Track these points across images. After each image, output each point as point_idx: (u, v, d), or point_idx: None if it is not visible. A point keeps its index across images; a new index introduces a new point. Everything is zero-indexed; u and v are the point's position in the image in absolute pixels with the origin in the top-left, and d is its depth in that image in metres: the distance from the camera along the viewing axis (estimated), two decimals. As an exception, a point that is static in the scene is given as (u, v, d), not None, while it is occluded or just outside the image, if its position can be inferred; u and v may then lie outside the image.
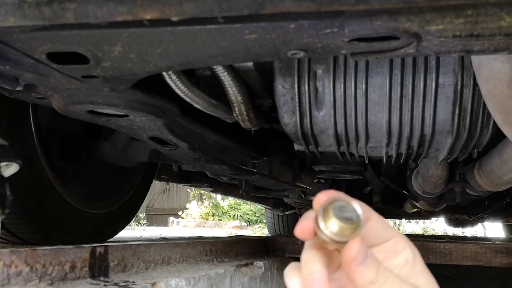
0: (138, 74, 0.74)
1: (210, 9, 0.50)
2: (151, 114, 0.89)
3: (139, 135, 1.03)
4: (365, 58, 0.67)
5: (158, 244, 1.34)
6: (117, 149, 1.71)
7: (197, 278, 1.18)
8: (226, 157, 1.24)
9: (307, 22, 0.57)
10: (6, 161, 0.87)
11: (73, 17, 0.52)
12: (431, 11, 0.56)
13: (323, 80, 0.96)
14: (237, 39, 0.61)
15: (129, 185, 2.00)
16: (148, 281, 1.06)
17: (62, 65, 0.69)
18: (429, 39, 0.61)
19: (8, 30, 0.60)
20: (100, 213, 1.77)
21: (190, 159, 1.21)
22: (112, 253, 1.12)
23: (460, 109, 0.96)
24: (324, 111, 0.99)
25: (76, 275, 1.01)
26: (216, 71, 0.88)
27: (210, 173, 1.69)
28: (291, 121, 1.01)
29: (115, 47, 0.63)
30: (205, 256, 1.58)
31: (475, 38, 0.60)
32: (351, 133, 1.02)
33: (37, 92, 0.82)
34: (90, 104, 0.84)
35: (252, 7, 0.50)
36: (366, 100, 0.96)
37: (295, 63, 0.95)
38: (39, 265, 0.92)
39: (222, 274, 1.32)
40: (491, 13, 0.55)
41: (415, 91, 0.94)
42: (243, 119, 1.02)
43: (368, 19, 0.57)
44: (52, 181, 1.47)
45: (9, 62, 0.68)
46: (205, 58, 0.68)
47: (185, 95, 0.88)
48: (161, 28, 0.59)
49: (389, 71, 0.93)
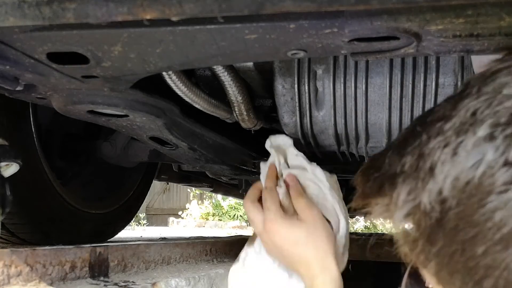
0: (138, 74, 0.74)
1: (210, 9, 0.50)
2: (151, 114, 0.89)
3: (139, 135, 1.03)
4: (365, 58, 0.67)
5: (158, 244, 1.34)
6: (117, 149, 1.71)
7: (197, 278, 1.18)
8: (226, 157, 1.24)
9: (307, 22, 0.57)
10: (6, 161, 0.87)
11: (73, 17, 0.52)
12: (431, 11, 0.56)
13: (323, 80, 0.96)
14: (237, 39, 0.61)
15: (129, 185, 2.00)
16: (148, 281, 1.07)
17: (62, 65, 0.69)
18: (429, 39, 0.61)
19: (8, 30, 0.60)
20: (100, 213, 1.77)
21: (190, 159, 1.21)
22: (112, 253, 1.12)
23: (460, 109, 0.96)
24: (324, 111, 0.99)
25: (76, 275, 1.01)
26: (216, 71, 0.88)
27: (210, 173, 1.69)
28: (291, 121, 1.01)
29: (115, 47, 0.63)
30: (205, 256, 1.58)
31: (475, 38, 0.60)
32: (351, 133, 1.02)
33: (37, 92, 0.82)
34: (90, 104, 0.84)
35: (252, 7, 0.50)
36: (366, 100, 0.96)
37: (295, 63, 0.95)
38: (39, 265, 0.92)
39: (222, 274, 1.32)
40: (491, 13, 0.55)
41: (415, 91, 0.94)
42: (243, 119, 1.02)
43: (368, 19, 0.57)
44: (52, 181, 1.47)
45: (9, 62, 0.68)
46: (205, 58, 0.68)
47: (185, 95, 0.88)
48: (161, 28, 0.59)
49: (389, 71, 0.93)
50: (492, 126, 0.39)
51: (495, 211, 0.38)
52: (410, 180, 0.43)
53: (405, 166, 0.44)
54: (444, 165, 0.41)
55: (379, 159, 0.49)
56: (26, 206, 1.39)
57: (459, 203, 0.40)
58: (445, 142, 0.41)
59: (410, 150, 0.44)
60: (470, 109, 0.41)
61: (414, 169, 0.43)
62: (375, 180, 0.49)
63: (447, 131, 0.41)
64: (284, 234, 0.83)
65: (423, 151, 0.43)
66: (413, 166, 0.43)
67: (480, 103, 0.40)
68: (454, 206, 0.40)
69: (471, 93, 0.42)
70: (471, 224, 0.39)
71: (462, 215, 0.40)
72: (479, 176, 0.39)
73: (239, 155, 1.30)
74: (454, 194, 0.40)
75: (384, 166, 0.48)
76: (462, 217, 0.40)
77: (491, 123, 0.39)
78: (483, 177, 0.39)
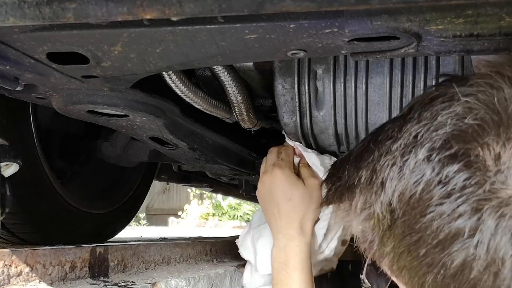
0: (138, 74, 0.74)
1: (210, 9, 0.50)
2: (151, 114, 0.89)
3: (139, 135, 1.03)
4: (365, 58, 0.67)
5: (158, 244, 1.34)
6: (117, 149, 1.71)
7: (197, 278, 1.18)
8: (226, 157, 1.24)
9: (307, 22, 0.57)
10: (6, 161, 0.87)
11: (73, 17, 0.52)
12: (431, 11, 0.56)
13: (323, 80, 0.96)
14: (237, 39, 0.61)
15: (129, 185, 2.00)
16: (148, 281, 1.07)
17: (62, 65, 0.69)
18: (429, 39, 0.61)
19: (8, 30, 0.60)
20: (100, 213, 1.77)
21: (190, 159, 1.21)
22: (112, 253, 1.12)
23: (460, 109, 0.96)
24: (324, 111, 0.99)
25: (76, 275, 1.01)
26: (216, 71, 0.88)
27: (210, 173, 1.69)
28: (291, 121, 1.01)
29: (115, 47, 0.63)
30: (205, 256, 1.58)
31: (475, 38, 0.60)
32: (351, 133, 1.02)
33: (37, 92, 0.82)
34: (90, 104, 0.84)
35: (252, 7, 0.50)
36: (366, 100, 0.96)
37: (295, 63, 0.95)
38: (39, 265, 0.92)
39: (222, 274, 1.32)
40: (491, 13, 0.55)
41: (415, 91, 0.94)
42: (243, 119, 1.02)
43: (368, 19, 0.57)
44: (52, 181, 1.46)
45: (9, 62, 0.68)
46: (205, 58, 0.68)
47: (185, 95, 0.88)
48: (161, 28, 0.59)
49: (389, 71, 0.93)
50: (429, 150, 0.46)
51: (433, 220, 0.45)
52: (365, 192, 0.51)
53: (361, 179, 0.52)
54: (392, 181, 0.48)
55: (340, 168, 0.58)
56: (26, 206, 1.39)
57: (404, 213, 0.48)
58: (393, 161, 0.49)
59: (365, 164, 0.52)
60: (413, 133, 0.48)
61: (368, 183, 0.51)
62: (336, 189, 0.57)
63: (395, 151, 0.49)
64: (285, 186, 0.95)
65: (375, 167, 0.50)
66: (367, 179, 0.51)
67: (421, 127, 0.48)
68: (401, 216, 0.48)
69: (413, 118, 0.49)
70: (414, 230, 0.47)
71: (408, 223, 0.47)
72: (420, 192, 0.46)
73: (239, 155, 1.30)
74: (401, 206, 0.48)
75: (344, 177, 0.56)
76: (407, 225, 0.47)
77: (429, 147, 0.46)
78: (423, 192, 0.46)
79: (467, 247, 0.43)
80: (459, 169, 0.44)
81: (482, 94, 0.46)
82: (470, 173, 0.44)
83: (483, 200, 0.43)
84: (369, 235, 0.52)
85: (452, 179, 0.44)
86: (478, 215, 0.43)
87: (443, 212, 0.44)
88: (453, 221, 0.44)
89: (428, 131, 0.47)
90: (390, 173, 0.48)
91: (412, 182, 0.46)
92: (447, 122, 0.46)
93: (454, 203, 0.44)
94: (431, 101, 0.49)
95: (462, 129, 0.45)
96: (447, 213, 0.44)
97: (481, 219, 0.43)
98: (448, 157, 0.45)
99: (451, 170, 0.44)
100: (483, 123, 0.45)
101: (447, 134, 0.46)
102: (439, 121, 0.46)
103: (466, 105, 0.46)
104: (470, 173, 0.44)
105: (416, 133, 0.48)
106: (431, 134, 0.46)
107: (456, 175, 0.44)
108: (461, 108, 0.46)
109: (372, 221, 0.51)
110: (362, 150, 0.55)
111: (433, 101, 0.49)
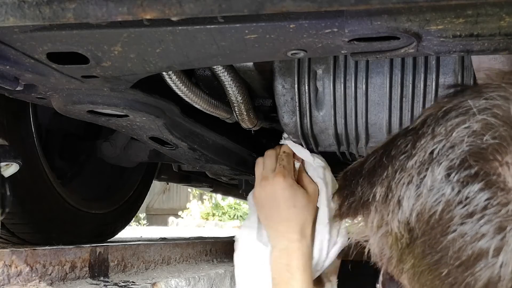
0: (138, 74, 0.74)
1: (210, 9, 0.50)
2: (151, 114, 0.89)
3: (139, 135, 1.03)
4: (365, 58, 0.67)
5: (158, 244, 1.34)
6: (117, 149, 1.71)
7: (197, 278, 1.18)
8: (226, 157, 1.24)
9: (307, 22, 0.57)
10: (6, 161, 0.87)
11: (73, 17, 0.52)
12: (431, 11, 0.56)
13: (323, 80, 0.96)
14: (237, 39, 0.61)
15: (129, 185, 2.00)
16: (148, 281, 1.07)
17: (62, 65, 0.69)
18: (429, 39, 0.61)
19: (8, 30, 0.60)
20: (100, 213, 1.77)
21: (190, 159, 1.21)
22: (112, 253, 1.12)
23: (460, 109, 0.96)
24: (324, 111, 0.99)
25: (76, 275, 1.01)
26: (216, 71, 0.88)
27: (210, 173, 1.69)
28: (291, 121, 1.01)
29: (115, 47, 0.63)
30: (205, 256, 1.58)
31: (475, 38, 0.60)
32: (351, 133, 1.02)
33: (37, 92, 0.82)
34: (90, 104, 0.84)
35: (252, 7, 0.50)
36: (366, 100, 0.96)
37: (295, 63, 0.95)
38: (39, 265, 0.92)
39: (222, 274, 1.32)
40: (491, 13, 0.55)
41: (415, 91, 0.94)
42: (243, 119, 1.02)
43: (368, 19, 0.57)
44: (52, 181, 1.46)
45: (9, 62, 0.68)
46: (205, 58, 0.68)
47: (185, 95, 0.88)
48: (161, 28, 0.59)
49: (389, 71, 0.93)
50: (447, 168, 0.45)
51: (454, 241, 0.44)
52: (381, 209, 0.50)
53: (376, 196, 0.51)
54: (410, 200, 0.47)
55: (351, 181, 0.56)
56: (26, 206, 1.39)
57: (424, 233, 0.46)
58: (409, 179, 0.47)
59: (380, 181, 0.51)
60: (428, 149, 0.47)
61: (384, 200, 0.50)
62: (351, 205, 0.55)
63: (410, 168, 0.48)
64: (288, 194, 0.96)
65: (390, 184, 0.49)
66: (383, 197, 0.50)
67: (436, 144, 0.46)
68: (420, 236, 0.47)
69: (427, 133, 0.48)
70: (435, 250, 0.46)
71: (428, 243, 0.46)
72: (440, 212, 0.45)
73: (239, 155, 1.30)
74: (420, 225, 0.47)
75: (357, 192, 0.54)
76: (428, 244, 0.46)
77: (446, 166, 0.45)
78: (443, 212, 0.45)
79: (491, 267, 0.43)
80: (480, 189, 0.44)
81: (498, 109, 0.46)
82: (491, 193, 0.43)
83: (505, 220, 0.43)
84: (387, 252, 0.52)
85: (473, 199, 0.44)
86: (501, 235, 0.43)
87: (465, 233, 0.44)
88: (476, 241, 0.43)
89: (444, 147, 0.46)
90: (406, 192, 0.47)
91: (431, 202, 0.46)
92: (464, 140, 0.45)
93: (477, 224, 0.43)
94: (445, 114, 0.48)
95: (481, 147, 0.45)
96: (470, 234, 0.44)
97: (504, 240, 0.42)
98: (468, 176, 0.44)
99: (472, 190, 0.44)
100: (502, 141, 0.44)
101: (465, 152, 0.45)
102: (454, 137, 0.46)
103: (483, 122, 0.45)
104: (491, 193, 0.43)
105: (432, 150, 0.47)
106: (447, 151, 0.46)
107: (477, 195, 0.44)
108: (478, 125, 0.45)
109: (390, 239, 0.50)
110: (374, 164, 0.53)
111: (446, 115, 0.48)
